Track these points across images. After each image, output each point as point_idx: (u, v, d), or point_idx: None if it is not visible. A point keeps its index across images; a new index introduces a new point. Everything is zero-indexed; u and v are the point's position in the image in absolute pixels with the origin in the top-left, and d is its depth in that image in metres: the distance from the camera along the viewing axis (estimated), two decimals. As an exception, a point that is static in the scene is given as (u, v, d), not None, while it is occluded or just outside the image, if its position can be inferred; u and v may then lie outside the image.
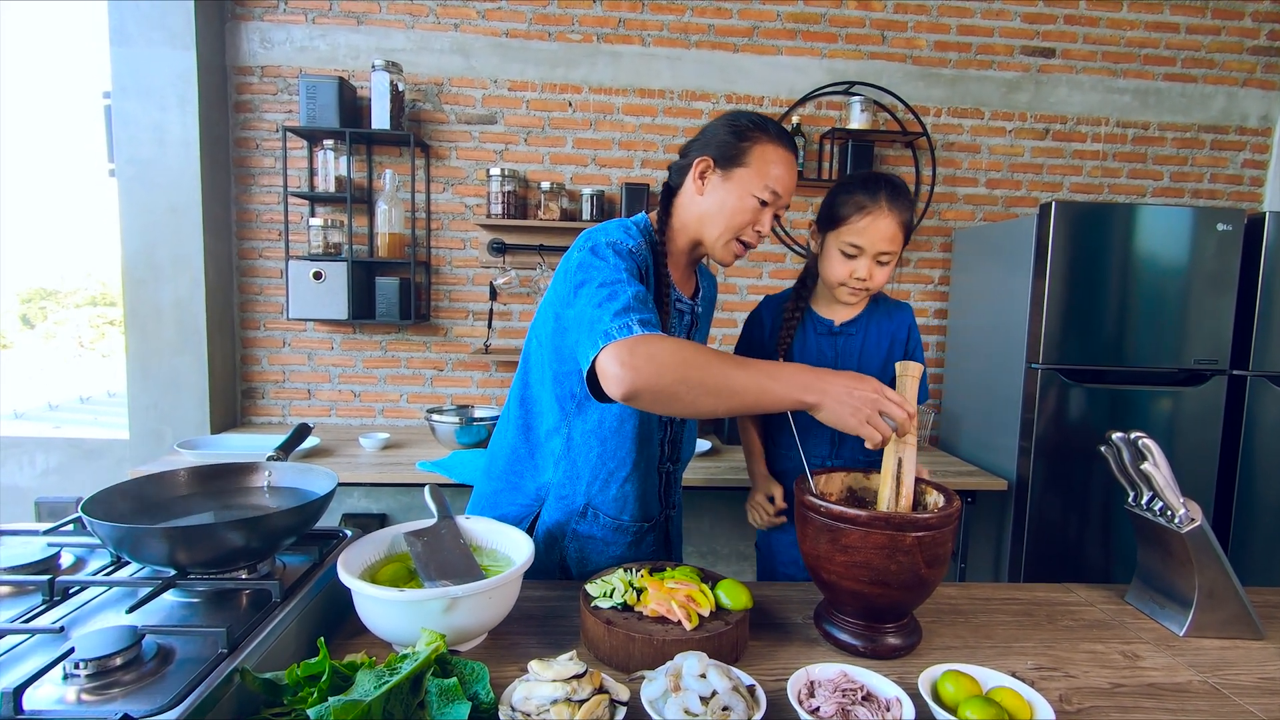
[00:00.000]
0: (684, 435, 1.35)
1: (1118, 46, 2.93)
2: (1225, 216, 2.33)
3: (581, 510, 1.25)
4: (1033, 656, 1.00)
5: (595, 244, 1.10)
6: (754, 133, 1.15)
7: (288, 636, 0.87)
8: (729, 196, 1.15)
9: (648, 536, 1.30)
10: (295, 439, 1.28)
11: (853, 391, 0.98)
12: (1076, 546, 2.42)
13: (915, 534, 0.91)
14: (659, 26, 2.79)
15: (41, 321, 9.80)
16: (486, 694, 0.77)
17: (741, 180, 1.15)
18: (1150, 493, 1.13)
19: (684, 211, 1.21)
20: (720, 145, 1.16)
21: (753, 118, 1.18)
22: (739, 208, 1.15)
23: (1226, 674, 0.97)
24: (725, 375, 0.97)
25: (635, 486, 1.25)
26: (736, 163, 1.15)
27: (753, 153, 1.14)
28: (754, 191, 1.14)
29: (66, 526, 1.11)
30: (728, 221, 1.16)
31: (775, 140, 1.16)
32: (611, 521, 1.25)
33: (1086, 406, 2.38)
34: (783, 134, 1.18)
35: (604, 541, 1.26)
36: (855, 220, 1.28)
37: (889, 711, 0.78)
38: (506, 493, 1.30)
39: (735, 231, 1.17)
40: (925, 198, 2.93)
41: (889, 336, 1.40)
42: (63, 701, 0.69)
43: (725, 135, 1.16)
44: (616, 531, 1.26)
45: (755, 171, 1.14)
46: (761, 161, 1.14)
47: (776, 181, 1.14)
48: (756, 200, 1.15)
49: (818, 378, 1.00)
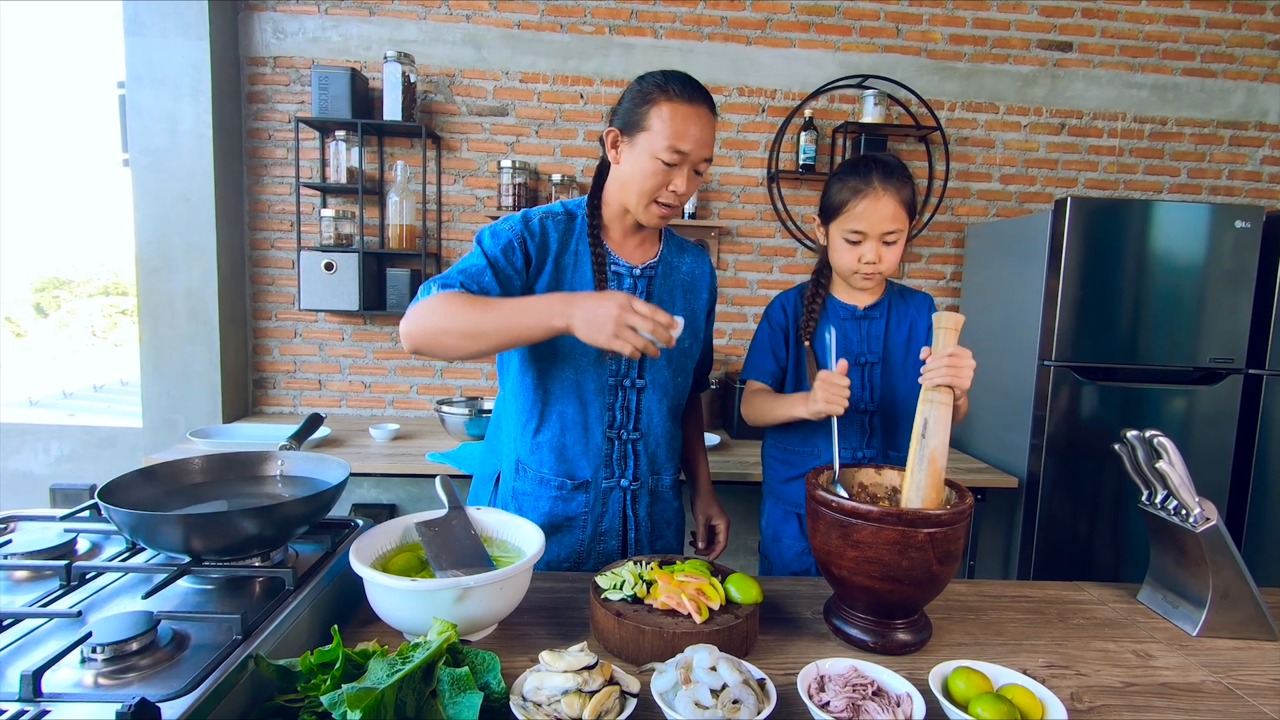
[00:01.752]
0: (643, 405, 1.30)
1: (1136, 40, 2.89)
2: (1244, 213, 2.30)
3: (514, 465, 1.32)
4: (1044, 654, 1.00)
5: (480, 231, 1.23)
6: (654, 94, 1.15)
7: (301, 624, 0.87)
8: (637, 161, 1.17)
9: (577, 495, 1.29)
10: (307, 429, 1.29)
11: (597, 308, 1.00)
12: (1087, 545, 2.41)
13: (927, 530, 0.90)
14: (671, 18, 2.77)
15: (55, 310, 9.91)
16: (498, 684, 0.77)
17: (644, 144, 1.15)
18: (1165, 491, 1.12)
19: (611, 182, 1.26)
20: (624, 113, 1.18)
21: (655, 78, 1.17)
22: (647, 171, 1.16)
23: (1240, 674, 0.97)
24: (476, 319, 1.06)
25: (552, 441, 1.27)
26: (638, 128, 1.16)
27: (651, 114, 1.14)
28: (657, 154, 1.14)
29: (83, 513, 1.12)
30: (639, 186, 1.18)
31: (675, 98, 1.14)
32: (534, 475, 1.29)
33: (1099, 404, 2.36)
34: (686, 89, 1.15)
35: (534, 496, 1.30)
36: (853, 206, 1.28)
37: (899, 707, 0.78)
38: (488, 453, 1.41)
39: (649, 195, 1.18)
40: (938, 193, 2.91)
41: (909, 319, 1.40)
42: (80, 685, 0.70)
43: (628, 102, 1.18)
44: (540, 485, 1.29)
45: (656, 133, 1.14)
46: (660, 122, 1.13)
47: (679, 139, 1.13)
48: (661, 162, 1.14)
49: (565, 302, 1.04)
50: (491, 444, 1.41)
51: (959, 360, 1.04)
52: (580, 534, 1.30)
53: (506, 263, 1.19)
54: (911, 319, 1.41)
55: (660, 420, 1.33)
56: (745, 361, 1.49)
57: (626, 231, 1.29)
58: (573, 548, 1.30)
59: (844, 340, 1.39)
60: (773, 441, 1.50)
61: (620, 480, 1.31)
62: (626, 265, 1.29)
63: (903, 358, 1.40)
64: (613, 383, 1.28)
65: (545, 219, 1.24)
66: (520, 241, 1.20)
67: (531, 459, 1.29)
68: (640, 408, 1.31)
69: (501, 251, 1.19)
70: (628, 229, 1.29)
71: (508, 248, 1.19)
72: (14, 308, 9.35)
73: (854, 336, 1.39)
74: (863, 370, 1.39)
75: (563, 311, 1.03)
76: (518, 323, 1.06)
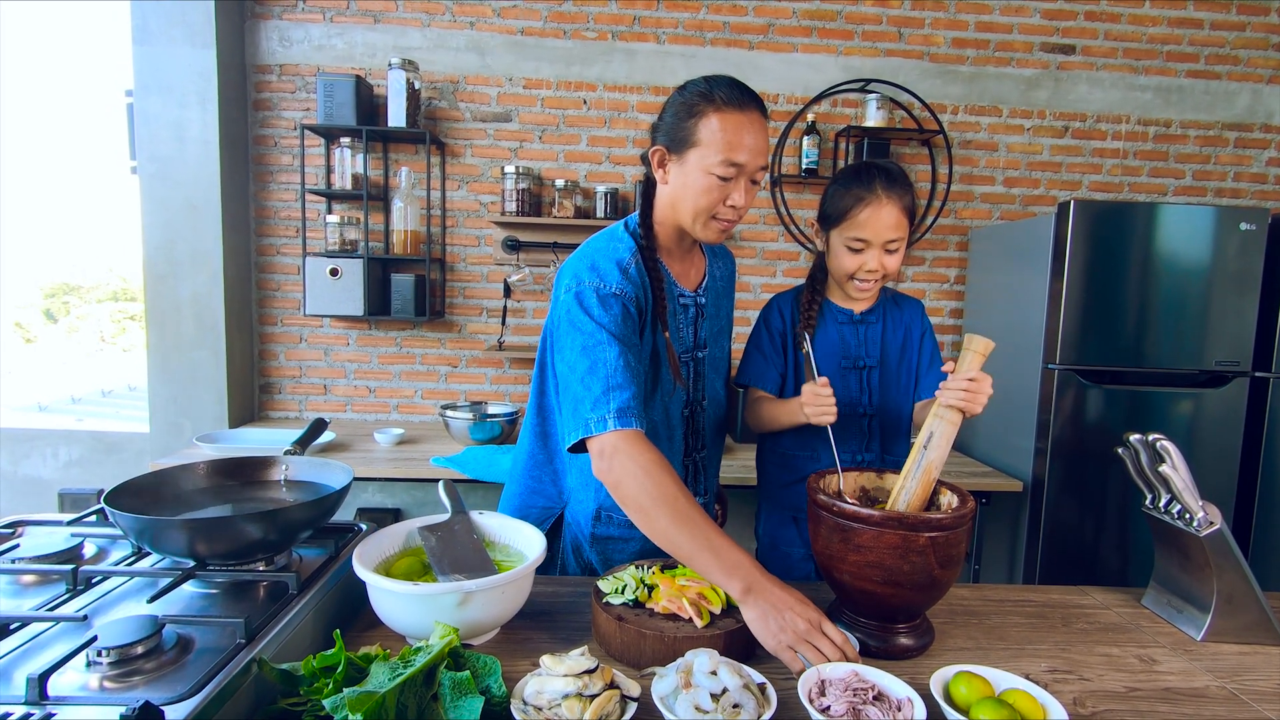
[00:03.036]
0: (705, 422, 1.33)
1: (1139, 43, 2.88)
2: (1249, 216, 2.29)
3: (595, 514, 1.25)
4: (1046, 659, 1.00)
5: (580, 290, 1.10)
6: (700, 105, 1.08)
7: (304, 628, 0.88)
8: (689, 179, 1.11)
9: None
10: (312, 433, 1.30)
11: (788, 611, 0.90)
12: (1092, 549, 2.40)
13: (929, 534, 0.90)
14: (674, 24, 2.79)
15: (64, 316, 9.97)
16: (499, 688, 0.77)
17: (696, 160, 1.09)
18: (1168, 495, 1.11)
19: (660, 202, 1.19)
20: (669, 129, 1.12)
21: (699, 88, 1.10)
22: (703, 188, 1.10)
23: (1245, 679, 0.96)
24: (671, 531, 0.97)
25: None
26: (687, 143, 1.09)
27: (700, 127, 1.08)
28: (710, 169, 1.08)
29: (89, 517, 1.13)
30: (695, 205, 1.12)
31: (724, 107, 1.07)
32: (625, 518, 1.22)
33: (1104, 408, 2.35)
34: (734, 96, 1.08)
35: (623, 540, 1.25)
36: (855, 213, 1.27)
37: (900, 712, 0.77)
38: (527, 496, 1.32)
39: (707, 212, 1.12)
40: (941, 196, 2.91)
41: (904, 325, 1.41)
42: (85, 688, 0.70)
43: (672, 116, 1.12)
44: (630, 528, 1.23)
45: (707, 147, 1.08)
46: (711, 134, 1.07)
47: (733, 151, 1.07)
48: (716, 178, 1.09)
49: (762, 576, 0.94)
50: (530, 487, 1.31)
51: (977, 387, 1.05)
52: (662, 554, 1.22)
53: (632, 334, 1.11)
54: (907, 324, 1.41)
55: (714, 430, 1.36)
56: (741, 367, 1.48)
57: (682, 252, 1.25)
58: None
59: (842, 344, 1.39)
60: (769, 446, 1.50)
61: (698, 499, 1.31)
62: (690, 294, 1.25)
63: (898, 362, 1.40)
64: (688, 412, 1.27)
65: (635, 263, 1.14)
66: (634, 303, 1.12)
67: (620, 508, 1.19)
68: (705, 425, 1.32)
69: (624, 327, 1.09)
70: (684, 250, 1.25)
71: (626, 318, 1.10)
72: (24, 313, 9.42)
73: (852, 340, 1.39)
74: (861, 374, 1.39)
75: (757, 584, 0.93)
76: (699, 565, 0.97)
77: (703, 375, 1.29)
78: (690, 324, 1.26)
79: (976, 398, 1.05)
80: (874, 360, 1.39)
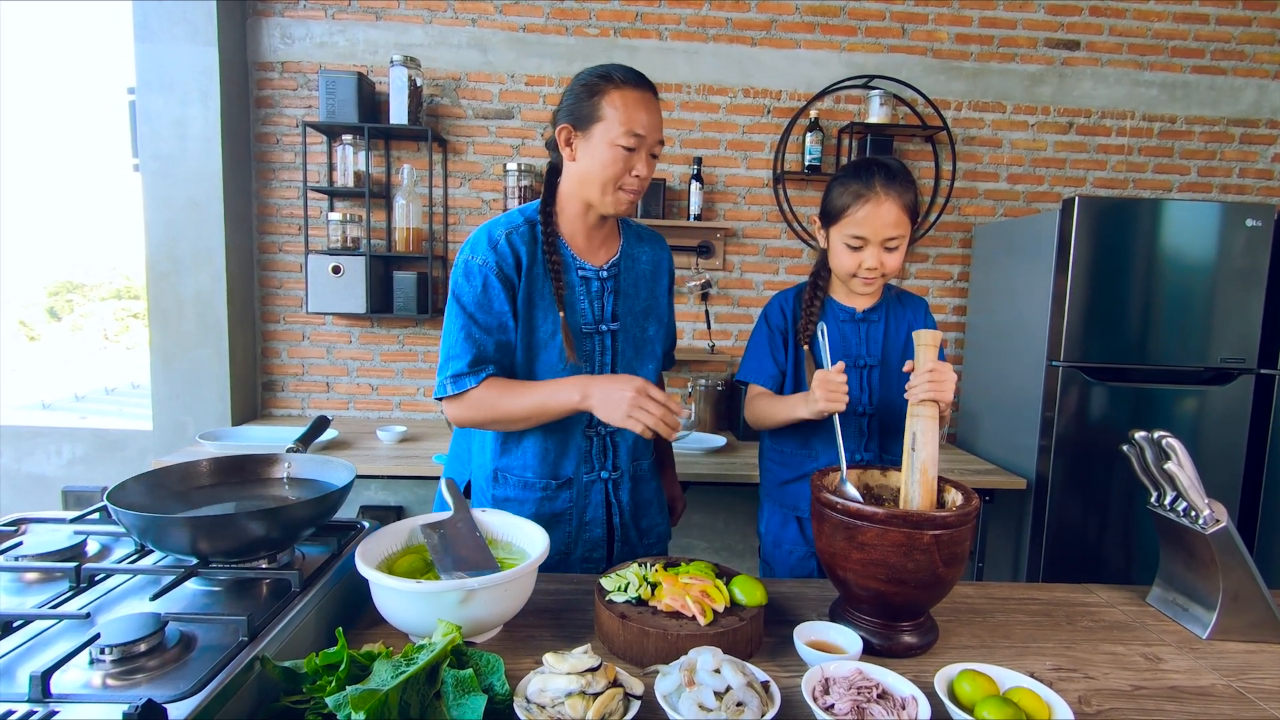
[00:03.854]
0: None
1: (1144, 38, 2.87)
2: (1255, 212, 2.28)
3: (492, 474, 1.34)
4: (1051, 657, 0.99)
5: (458, 263, 1.27)
6: (600, 84, 1.18)
7: (307, 625, 0.88)
8: (595, 152, 1.19)
9: (561, 494, 1.32)
10: (314, 431, 1.30)
11: (614, 391, 1.13)
12: (1096, 547, 2.39)
13: (933, 532, 0.90)
14: (676, 20, 2.78)
15: (68, 314, 10.00)
16: (502, 685, 0.77)
17: (601, 134, 1.18)
18: (1174, 493, 1.11)
19: (567, 181, 1.27)
20: (571, 109, 1.21)
21: (597, 71, 1.21)
22: (607, 160, 1.19)
23: (1251, 678, 0.96)
24: (513, 407, 1.21)
25: (534, 445, 1.30)
26: (592, 120, 1.18)
27: (603, 104, 1.17)
28: (616, 141, 1.17)
29: (92, 515, 1.13)
30: (601, 176, 1.20)
31: (622, 85, 1.18)
32: (517, 479, 1.32)
33: (1108, 405, 2.34)
34: (630, 76, 1.19)
35: (518, 501, 1.32)
36: (854, 211, 1.27)
37: (904, 710, 0.77)
38: (453, 462, 1.45)
39: (613, 183, 1.21)
40: (945, 193, 2.89)
41: (906, 323, 1.40)
42: (88, 686, 0.70)
43: (574, 99, 1.21)
44: (524, 489, 1.31)
45: (612, 121, 1.17)
46: (614, 109, 1.17)
47: (634, 124, 1.17)
48: (621, 148, 1.17)
49: (586, 381, 1.17)
50: (458, 453, 1.44)
51: (940, 375, 1.08)
52: (567, 527, 1.34)
53: (489, 306, 1.23)
54: (909, 322, 1.41)
55: None
56: (743, 364, 1.49)
57: (588, 230, 1.31)
58: (560, 541, 1.33)
59: (843, 342, 1.39)
60: (770, 444, 1.49)
61: (600, 473, 1.34)
62: (593, 268, 1.31)
63: (900, 361, 1.39)
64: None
65: (511, 235, 1.25)
66: (496, 273, 1.23)
67: (514, 464, 1.32)
68: None
69: (482, 298, 1.23)
70: (590, 226, 1.30)
71: (486, 289, 1.23)
72: (28, 311, 9.44)
73: (853, 339, 1.39)
74: (861, 373, 1.39)
75: (584, 390, 1.16)
76: (547, 410, 1.20)
77: (617, 350, 1.33)
78: (593, 298, 1.31)
79: (942, 386, 1.08)
80: (874, 359, 1.39)
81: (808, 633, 0.95)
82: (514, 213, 1.30)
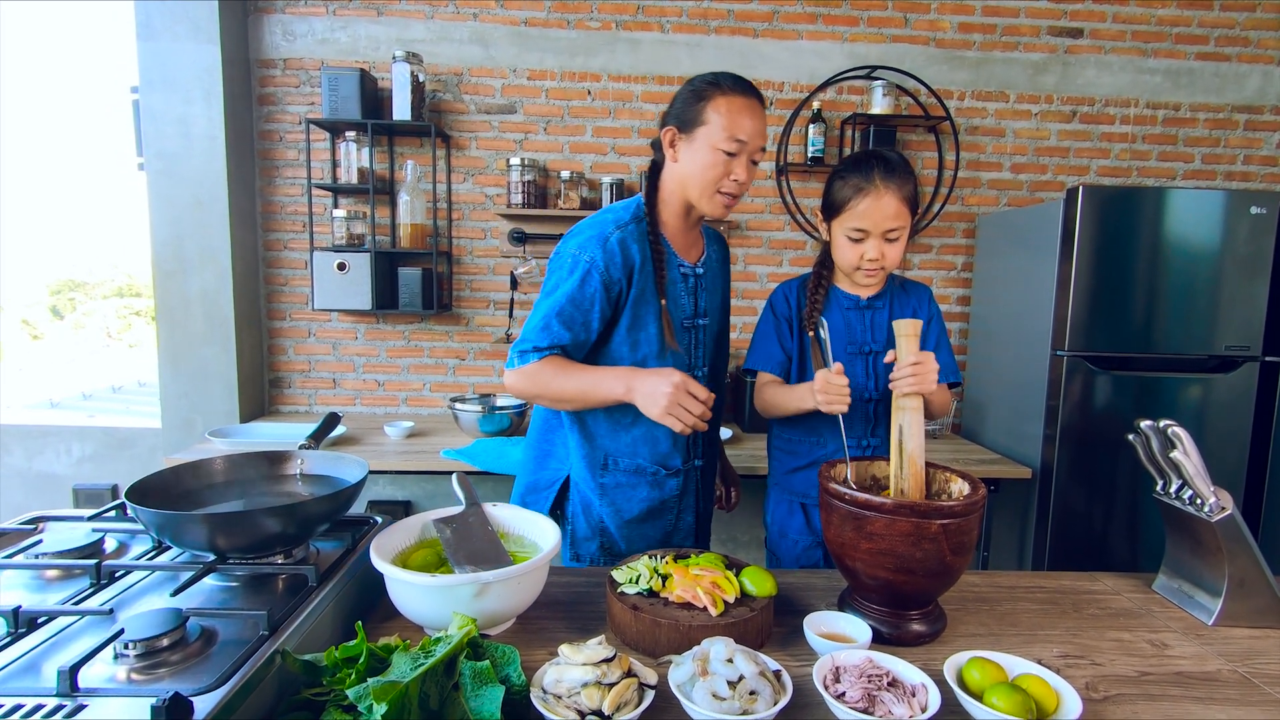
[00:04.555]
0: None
1: (1148, 25, 2.85)
2: (1259, 199, 2.28)
3: (602, 463, 1.36)
4: (1058, 644, 1.00)
5: (561, 249, 1.30)
6: (708, 90, 1.23)
7: (324, 620, 0.89)
8: (697, 155, 1.24)
9: (669, 481, 1.38)
10: (325, 428, 1.31)
11: (657, 387, 1.16)
12: (1102, 535, 2.40)
13: (941, 521, 0.91)
14: (678, 12, 2.77)
15: (70, 313, 10.01)
16: (518, 676, 0.78)
17: (705, 138, 1.23)
18: (1180, 481, 1.12)
19: (668, 181, 1.32)
20: (679, 112, 1.26)
21: (706, 77, 1.25)
22: (709, 163, 1.23)
23: (1257, 663, 0.97)
24: (562, 387, 1.24)
25: (646, 434, 1.34)
26: (697, 123, 1.23)
27: (708, 109, 1.22)
28: (718, 145, 1.22)
29: (109, 513, 1.15)
30: (702, 178, 1.25)
31: (729, 91, 1.22)
32: (629, 465, 1.35)
33: (1113, 394, 2.35)
34: (738, 84, 1.24)
35: (629, 486, 1.36)
36: (855, 204, 1.29)
37: (915, 697, 0.78)
38: (540, 459, 1.44)
39: (713, 185, 1.25)
40: (949, 183, 2.89)
41: (910, 310, 1.42)
42: (113, 680, 0.72)
43: (682, 102, 1.26)
44: (635, 474, 1.36)
45: (715, 126, 1.22)
46: (718, 114, 1.21)
47: (737, 129, 1.21)
48: (723, 153, 1.22)
49: (629, 376, 1.21)
50: (544, 450, 1.43)
51: (923, 368, 1.12)
52: (670, 515, 1.40)
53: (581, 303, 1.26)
54: (914, 309, 1.42)
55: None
56: (750, 352, 1.50)
57: (685, 229, 1.36)
58: (664, 529, 1.39)
59: (848, 329, 1.40)
60: (777, 432, 1.51)
61: (695, 461, 1.42)
62: (689, 265, 1.37)
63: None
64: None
65: (624, 236, 1.27)
66: (602, 273, 1.25)
67: (626, 451, 1.35)
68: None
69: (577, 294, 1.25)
70: (688, 226, 1.36)
71: (584, 285, 1.25)
72: (31, 310, 9.46)
73: (858, 326, 1.40)
74: (867, 359, 1.40)
75: (627, 384, 1.20)
76: (591, 396, 1.25)
77: (704, 344, 1.41)
78: (690, 294, 1.37)
79: (926, 376, 1.12)
80: (880, 346, 1.40)
81: (817, 622, 0.96)
82: (620, 210, 1.33)
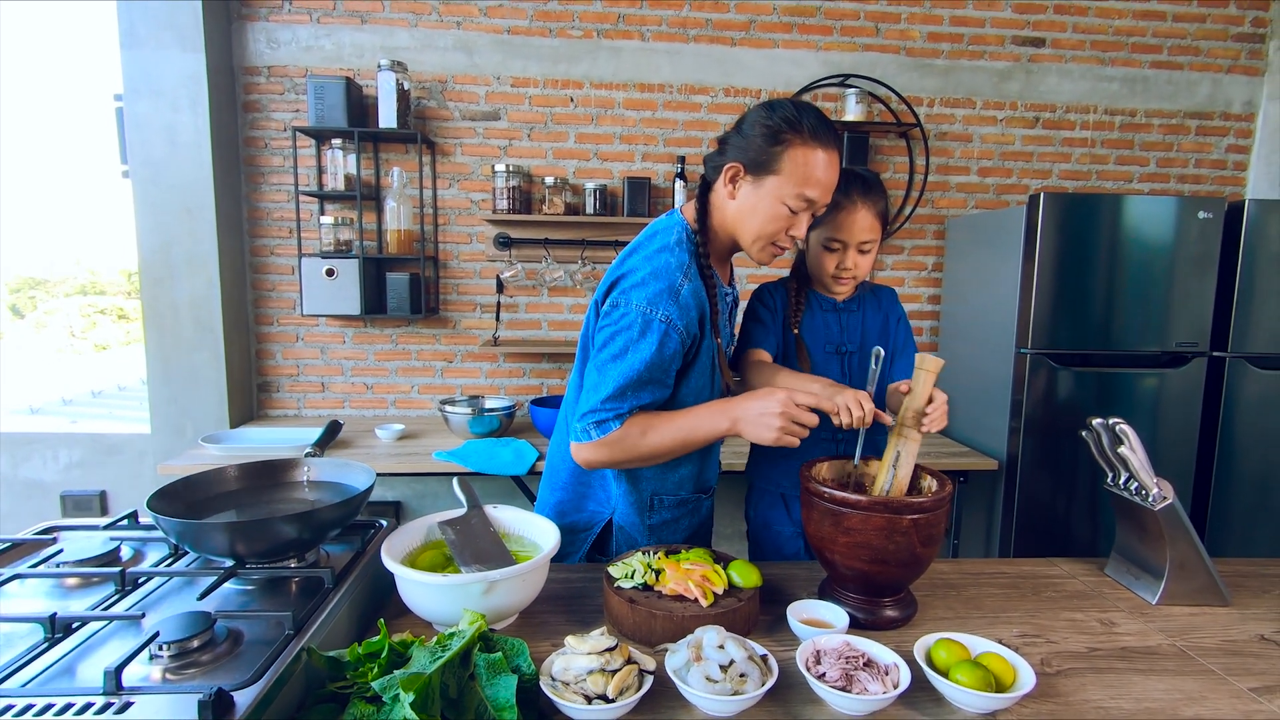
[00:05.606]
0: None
1: (1106, 35, 2.99)
2: (1206, 205, 2.41)
3: (649, 503, 1.31)
4: (1018, 625, 1.10)
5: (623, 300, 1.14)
6: (787, 134, 1.09)
7: (341, 619, 0.95)
8: (760, 203, 1.14)
9: (705, 503, 1.39)
10: (328, 435, 1.36)
11: (763, 410, 1.10)
12: (1063, 522, 2.53)
13: (911, 516, 1.00)
14: (658, 21, 2.83)
15: (32, 311, 9.76)
16: (528, 666, 0.85)
17: (773, 188, 1.12)
18: (1126, 474, 1.22)
19: (718, 211, 1.21)
20: (750, 149, 1.13)
21: (787, 115, 1.10)
22: (771, 215, 1.14)
23: (1192, 637, 1.07)
24: (658, 443, 1.16)
25: (692, 465, 1.33)
26: (768, 170, 1.12)
27: (785, 157, 1.10)
28: (785, 200, 1.12)
29: (122, 521, 1.19)
30: (759, 229, 1.16)
31: (810, 141, 1.09)
32: (673, 499, 1.32)
33: (1074, 389, 2.47)
34: (819, 130, 1.10)
35: (674, 520, 1.34)
36: (833, 217, 1.38)
37: (888, 676, 0.87)
38: (575, 501, 1.36)
39: (769, 238, 1.17)
40: (919, 186, 3.00)
41: (882, 311, 1.51)
42: (148, 680, 0.77)
43: (758, 138, 1.12)
44: (680, 506, 1.34)
45: (787, 178, 1.11)
46: (794, 166, 1.10)
47: (810, 187, 1.11)
48: (788, 209, 1.13)
49: (728, 408, 1.14)
50: (579, 493, 1.35)
51: (941, 408, 1.11)
52: (705, 532, 1.42)
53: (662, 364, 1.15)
54: (885, 310, 1.51)
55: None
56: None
57: (725, 257, 1.31)
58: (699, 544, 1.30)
59: (826, 330, 1.47)
60: None
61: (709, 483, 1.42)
62: (728, 289, 1.35)
63: (876, 341, 1.49)
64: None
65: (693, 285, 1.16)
66: (680, 333, 1.15)
67: (672, 489, 1.31)
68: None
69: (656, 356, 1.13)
70: (727, 254, 1.31)
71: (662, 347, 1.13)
72: (-9, 312, 9.21)
73: (835, 327, 1.48)
74: (843, 359, 1.48)
75: (731, 415, 1.13)
76: (693, 441, 1.16)
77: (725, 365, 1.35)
78: (727, 313, 1.36)
79: (945, 417, 1.13)
80: (855, 346, 1.49)
81: (799, 610, 1.04)
82: (673, 246, 1.18)
